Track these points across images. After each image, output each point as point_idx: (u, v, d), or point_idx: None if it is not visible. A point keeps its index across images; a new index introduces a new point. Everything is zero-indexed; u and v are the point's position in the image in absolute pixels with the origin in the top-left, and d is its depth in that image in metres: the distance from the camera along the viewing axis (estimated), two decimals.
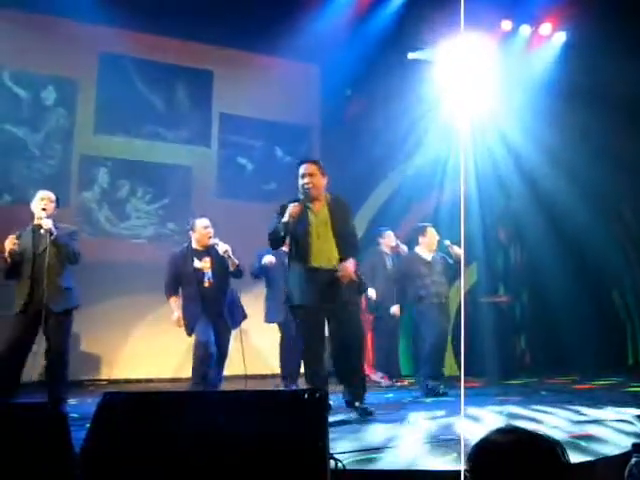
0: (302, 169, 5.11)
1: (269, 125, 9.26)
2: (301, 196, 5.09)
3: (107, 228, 8.43)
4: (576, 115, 8.45)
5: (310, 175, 5.06)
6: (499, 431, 1.76)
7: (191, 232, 6.05)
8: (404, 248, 7.87)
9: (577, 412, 5.11)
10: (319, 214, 5.06)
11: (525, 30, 9.00)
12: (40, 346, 5.36)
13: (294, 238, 5.06)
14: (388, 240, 8.06)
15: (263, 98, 9.04)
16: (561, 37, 8.98)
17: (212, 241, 5.92)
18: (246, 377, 5.81)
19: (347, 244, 5.05)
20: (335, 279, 4.94)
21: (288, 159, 9.47)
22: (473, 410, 5.14)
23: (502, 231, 9.78)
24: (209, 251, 5.94)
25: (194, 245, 5.98)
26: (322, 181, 5.11)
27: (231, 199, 8.85)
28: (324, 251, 5.00)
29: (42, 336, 5.29)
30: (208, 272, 5.85)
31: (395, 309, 7.67)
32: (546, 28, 8.97)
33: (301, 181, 5.09)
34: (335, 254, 5.00)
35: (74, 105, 8.38)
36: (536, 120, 8.68)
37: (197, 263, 5.87)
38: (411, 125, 9.09)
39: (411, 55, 9.05)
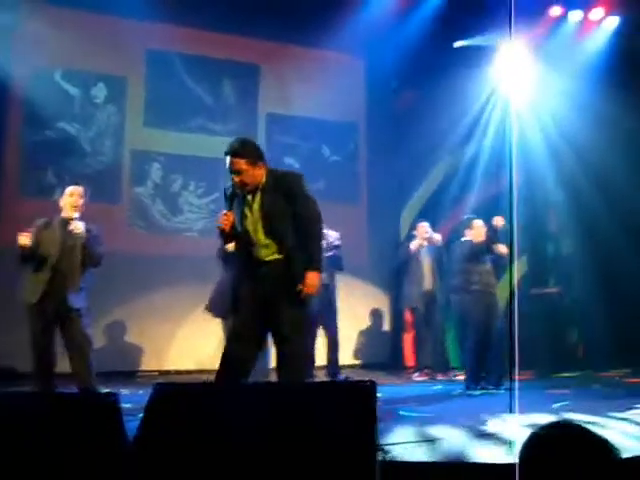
0: (229, 164, 4.23)
1: (315, 123, 9.23)
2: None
3: (161, 223, 8.53)
4: (633, 100, 8.26)
5: (239, 172, 4.18)
6: (551, 425, 1.74)
7: None
8: (437, 237, 7.87)
9: (630, 407, 5.03)
10: (254, 206, 4.25)
11: (575, 15, 8.83)
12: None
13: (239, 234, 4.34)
14: (421, 231, 8.03)
15: (309, 94, 9.00)
16: (613, 22, 8.78)
17: None
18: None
19: (284, 235, 4.18)
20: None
21: (335, 158, 9.49)
22: (524, 404, 5.08)
23: (553, 221, 9.61)
24: None
25: None
26: (256, 172, 4.19)
27: None
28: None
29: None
30: None
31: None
32: (597, 13, 8.79)
33: (231, 176, 4.26)
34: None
35: (123, 101, 8.49)
36: (590, 106, 8.49)
37: None
38: (460, 115, 9.00)
39: (457, 43, 8.95)
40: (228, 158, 4.20)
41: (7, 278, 7.06)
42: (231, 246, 4.92)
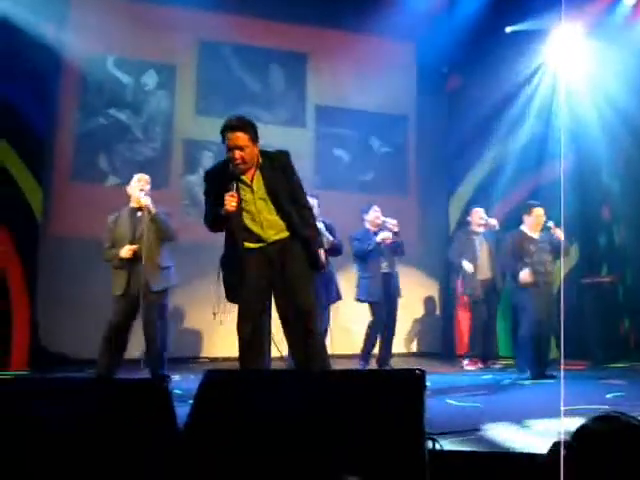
0: (230, 140, 4.03)
1: (364, 115, 9.19)
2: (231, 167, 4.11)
3: None
4: None
5: (241, 148, 4.01)
6: (600, 417, 1.73)
7: None
8: (493, 222, 7.70)
9: None
10: (254, 185, 4.15)
11: None
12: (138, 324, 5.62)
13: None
14: (476, 217, 7.88)
15: (358, 83, 8.98)
16: None
17: None
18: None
19: (290, 213, 4.16)
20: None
21: (385, 149, 9.46)
22: (576, 394, 5.02)
23: (606, 208, 9.40)
24: None
25: None
26: (255, 150, 4.11)
27: (329, 190, 8.65)
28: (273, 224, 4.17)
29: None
30: None
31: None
32: None
33: (229, 154, 4.05)
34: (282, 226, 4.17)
35: (173, 89, 8.59)
36: None
37: None
38: (510, 101, 8.86)
39: (509, 28, 8.81)
40: (229, 134, 4.02)
41: (59, 267, 7.27)
42: None
